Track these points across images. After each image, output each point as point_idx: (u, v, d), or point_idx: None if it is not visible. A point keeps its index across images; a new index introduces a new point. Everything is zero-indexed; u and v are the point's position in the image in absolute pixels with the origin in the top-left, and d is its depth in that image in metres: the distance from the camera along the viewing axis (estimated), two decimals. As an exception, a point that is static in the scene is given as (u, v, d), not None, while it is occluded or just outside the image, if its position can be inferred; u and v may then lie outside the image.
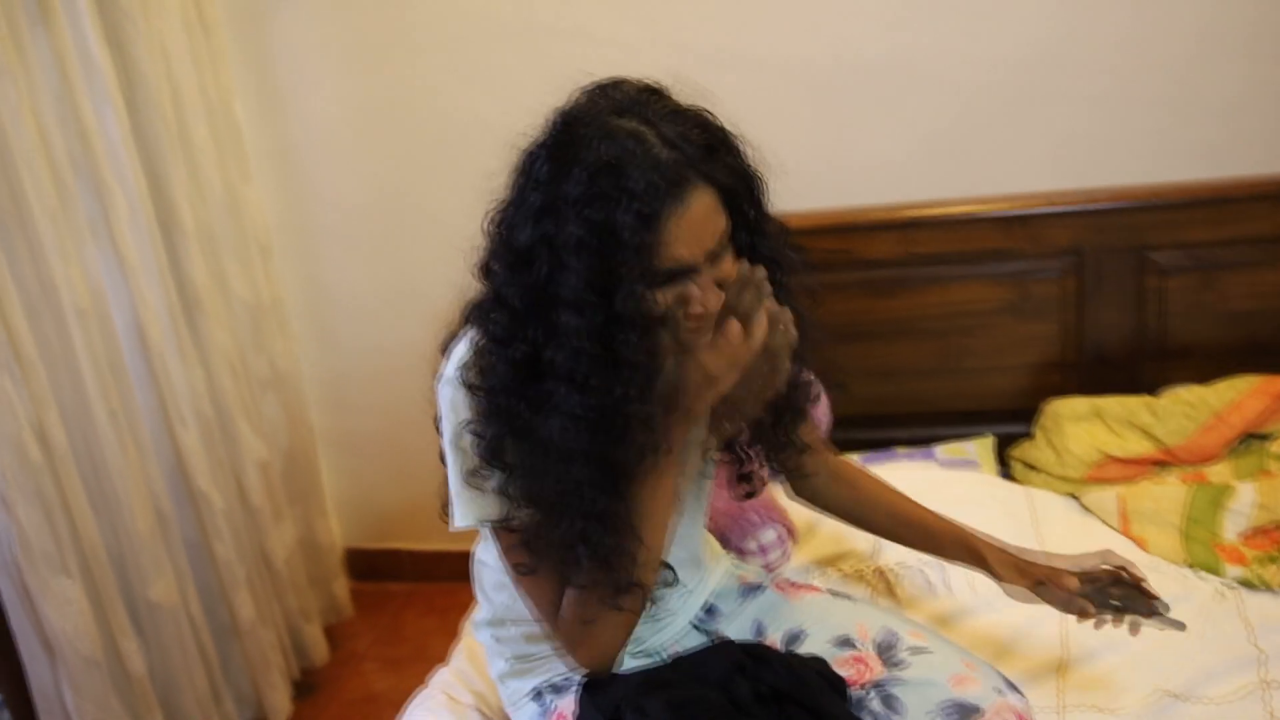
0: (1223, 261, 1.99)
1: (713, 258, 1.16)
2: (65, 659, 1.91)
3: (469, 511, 1.26)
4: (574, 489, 1.17)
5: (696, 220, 1.13)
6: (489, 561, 1.48)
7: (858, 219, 2.07)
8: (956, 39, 2.10)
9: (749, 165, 1.22)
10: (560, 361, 1.13)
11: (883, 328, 2.12)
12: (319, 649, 2.64)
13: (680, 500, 1.28)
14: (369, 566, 2.97)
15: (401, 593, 2.95)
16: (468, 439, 1.22)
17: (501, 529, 1.27)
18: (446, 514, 1.32)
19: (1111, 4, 2.03)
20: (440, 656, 2.60)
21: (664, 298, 1.15)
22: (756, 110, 2.14)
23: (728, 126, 1.21)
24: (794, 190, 2.17)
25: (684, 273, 1.15)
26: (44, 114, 1.90)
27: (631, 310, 1.11)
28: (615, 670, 1.36)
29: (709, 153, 1.15)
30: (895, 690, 1.35)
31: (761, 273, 1.14)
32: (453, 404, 1.24)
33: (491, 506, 1.24)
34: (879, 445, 2.12)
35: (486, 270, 1.22)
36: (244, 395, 2.42)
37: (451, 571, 2.94)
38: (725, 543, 1.75)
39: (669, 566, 1.37)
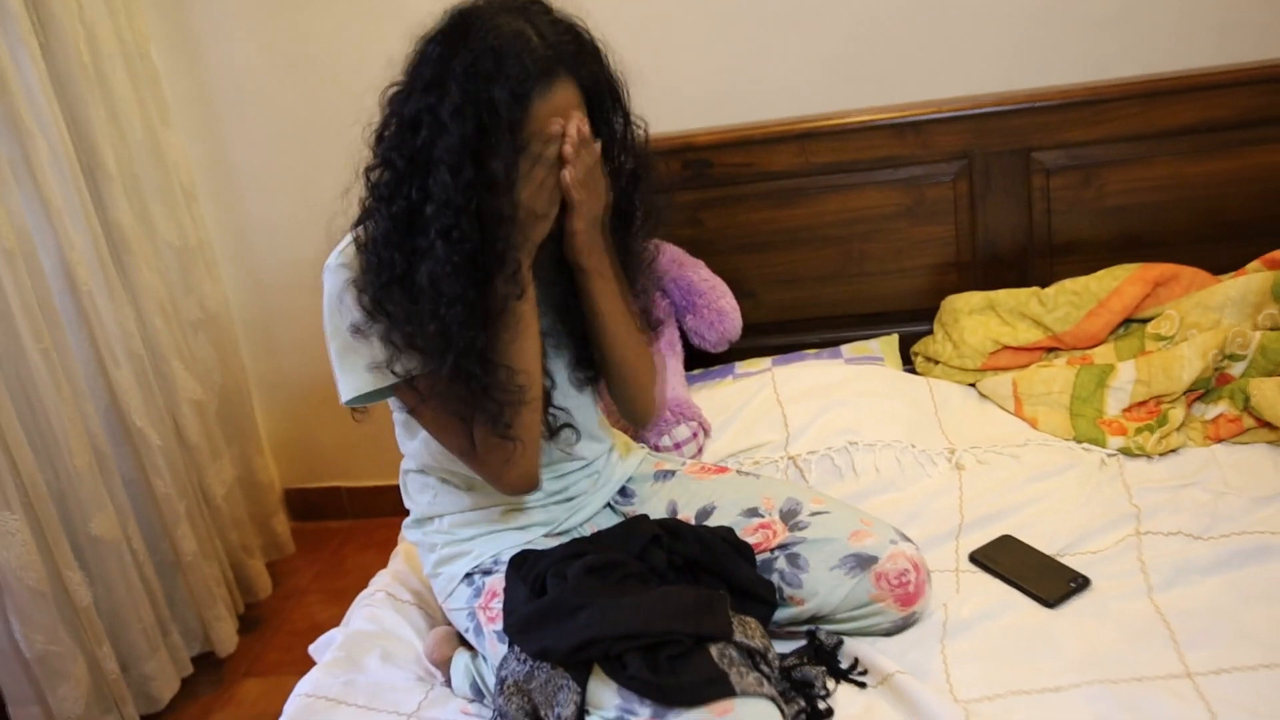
0: (1100, 159, 2.11)
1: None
2: (11, 590, 1.96)
3: (355, 371, 1.40)
4: (447, 329, 1.31)
5: (559, 107, 1.30)
6: (409, 467, 1.59)
7: (757, 133, 2.16)
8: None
9: (612, 72, 1.39)
10: (433, 214, 1.28)
11: (786, 236, 2.22)
12: (262, 582, 2.71)
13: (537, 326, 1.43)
14: (308, 505, 3.03)
15: (341, 529, 3.02)
16: (350, 296, 1.37)
17: (403, 389, 1.41)
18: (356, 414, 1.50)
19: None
20: (383, 587, 2.66)
21: (524, 164, 1.30)
22: (663, 32, 2.24)
23: (597, 39, 1.37)
24: (701, 109, 2.27)
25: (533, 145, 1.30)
26: (-44, 59, 1.93)
27: (498, 172, 1.27)
28: (535, 546, 1.48)
29: (577, 55, 1.32)
30: (799, 549, 1.47)
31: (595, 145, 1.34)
32: (334, 290, 1.40)
33: (377, 358, 1.38)
34: (789, 349, 2.22)
35: (378, 139, 1.35)
36: (175, 336, 2.46)
37: (390, 506, 3.00)
38: (642, 441, 1.85)
39: (571, 426, 1.51)
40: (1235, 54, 2.12)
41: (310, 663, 2.44)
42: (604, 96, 1.39)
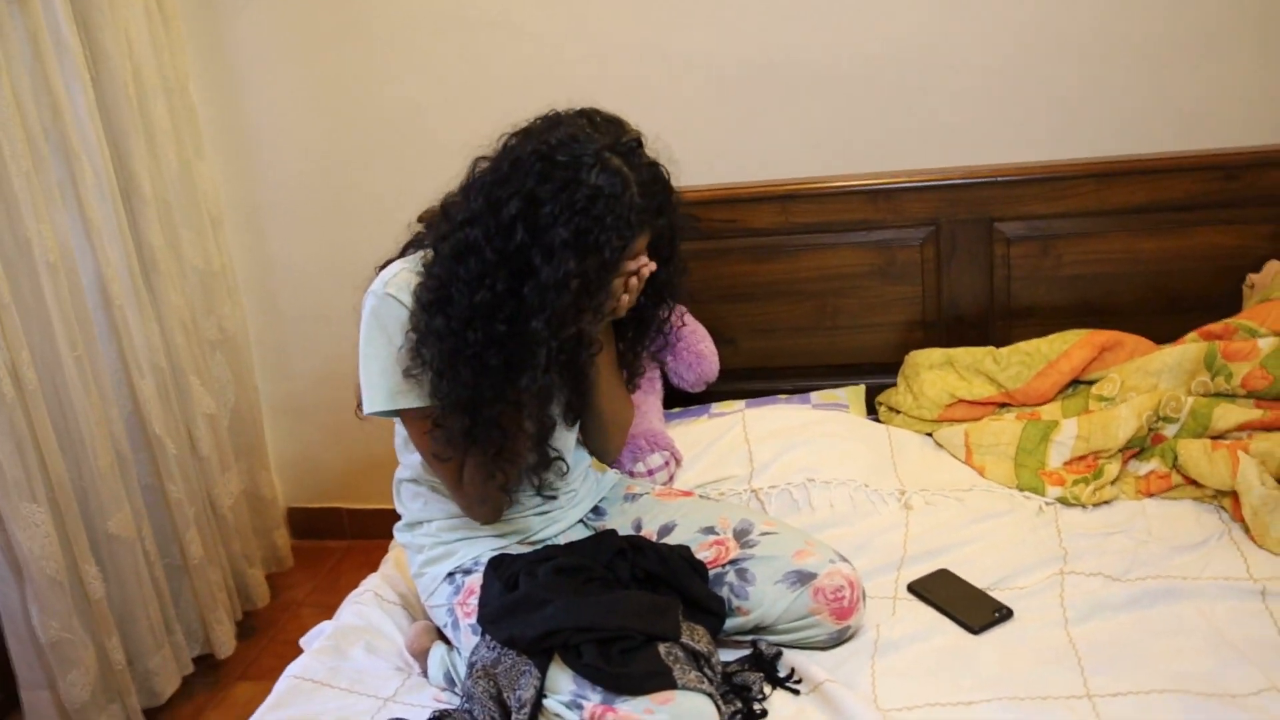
0: (1057, 232, 2.28)
1: None
2: (32, 578, 2.11)
3: (399, 398, 1.57)
4: (494, 405, 1.53)
5: (639, 249, 1.55)
6: (404, 476, 1.76)
7: (743, 192, 2.34)
8: (836, 40, 2.40)
9: (675, 219, 1.62)
10: (534, 317, 1.47)
11: (765, 289, 2.40)
12: (261, 592, 2.85)
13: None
14: (309, 525, 3.18)
15: (339, 549, 3.16)
16: (401, 336, 1.55)
17: (417, 418, 1.57)
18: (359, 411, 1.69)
19: (965, 13, 2.34)
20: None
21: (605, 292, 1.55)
22: (664, 98, 2.45)
23: (672, 188, 1.60)
24: (691, 167, 2.45)
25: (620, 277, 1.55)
26: (20, 87, 2.13)
27: (596, 302, 1.52)
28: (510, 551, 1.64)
29: (659, 209, 1.56)
30: (747, 564, 1.63)
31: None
32: (383, 314, 1.56)
33: (421, 396, 1.56)
34: (764, 394, 2.39)
35: (463, 221, 1.52)
36: (195, 353, 2.64)
37: (388, 528, 3.17)
38: (617, 466, 2.02)
39: (563, 460, 1.68)
40: (1188, 141, 2.30)
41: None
42: (667, 237, 1.65)
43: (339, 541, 3.20)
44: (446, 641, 1.72)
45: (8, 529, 2.08)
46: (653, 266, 1.56)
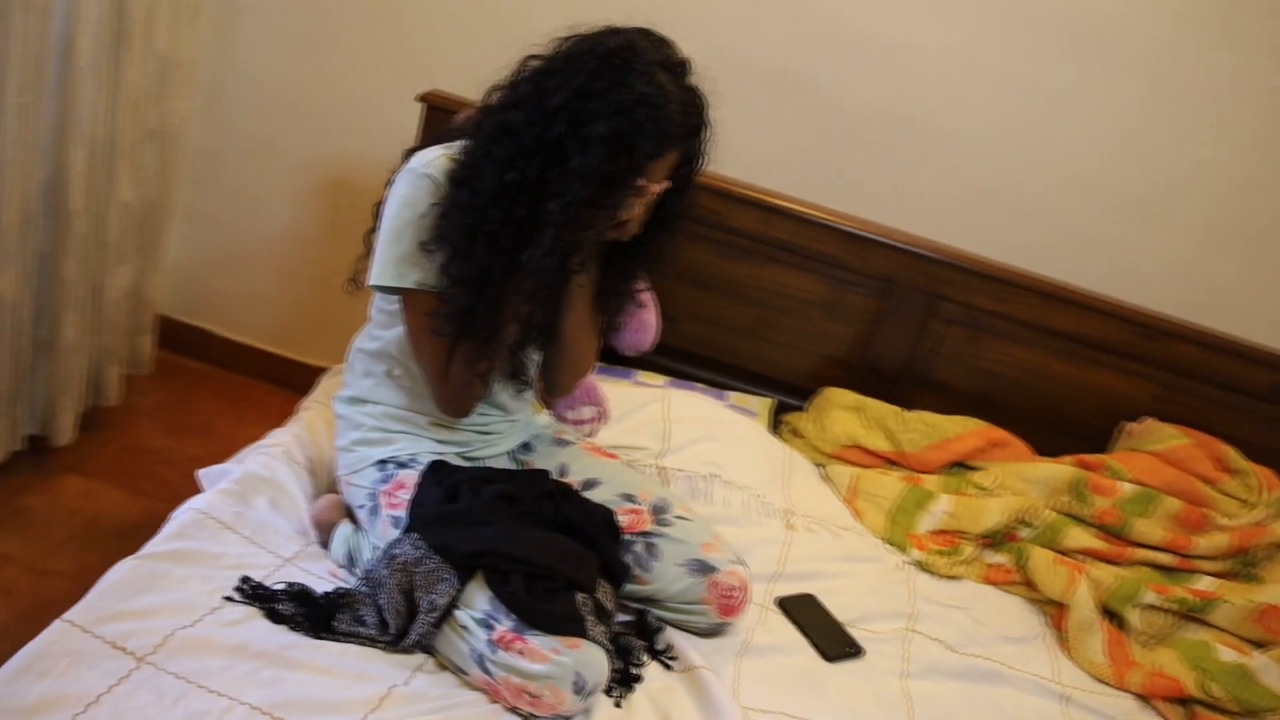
0: (989, 328, 2.47)
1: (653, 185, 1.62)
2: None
3: (407, 274, 1.60)
4: (500, 286, 1.57)
5: (665, 165, 1.60)
6: (366, 348, 1.76)
7: (735, 190, 2.41)
8: (844, 72, 2.50)
9: (703, 149, 1.66)
10: (552, 199, 1.51)
11: (721, 284, 2.49)
12: (113, 391, 2.75)
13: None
14: (175, 337, 3.08)
15: (198, 370, 3.09)
16: (430, 218, 1.57)
17: (424, 294, 1.61)
18: (355, 284, 1.75)
19: (1000, 98, 2.49)
20: (225, 437, 2.82)
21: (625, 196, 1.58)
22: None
23: (709, 117, 1.63)
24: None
25: (641, 188, 1.59)
26: None
27: (616, 198, 1.55)
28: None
29: (695, 131, 1.61)
30: (657, 541, 1.73)
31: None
32: (415, 190, 1.58)
33: (428, 274, 1.59)
34: (684, 377, 2.49)
35: (506, 105, 1.55)
36: (133, 138, 2.51)
37: (252, 368, 3.12)
38: (551, 409, 2.08)
39: (527, 376, 1.76)
40: (1129, 292, 2.53)
41: (146, 482, 2.57)
42: (688, 162, 1.67)
43: (199, 363, 3.12)
44: (353, 520, 1.75)
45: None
46: (667, 185, 1.63)
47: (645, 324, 2.30)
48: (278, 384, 3.10)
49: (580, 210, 1.53)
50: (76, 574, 2.17)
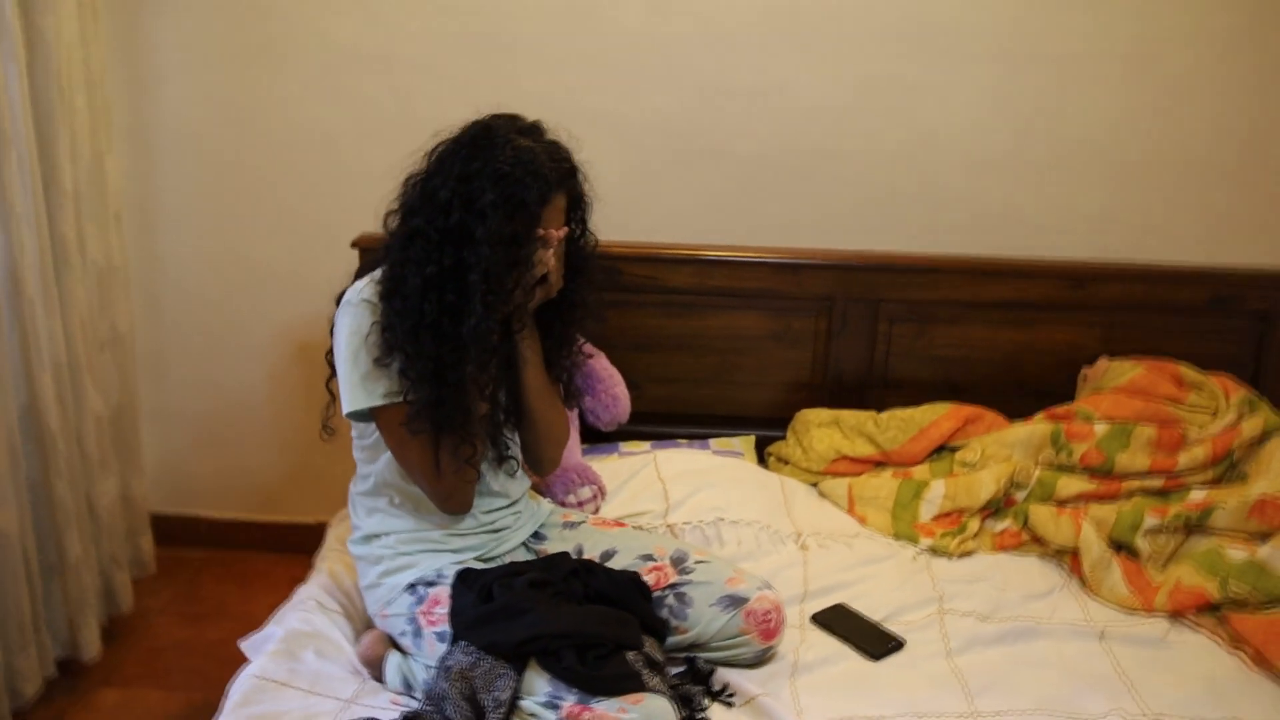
0: (932, 316, 2.60)
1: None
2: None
3: (373, 391, 1.73)
4: (458, 365, 1.70)
5: (556, 209, 1.78)
6: (361, 490, 1.86)
7: (666, 253, 2.55)
8: (746, 120, 2.67)
9: (584, 191, 1.85)
10: (475, 283, 1.67)
11: (673, 342, 2.61)
12: (126, 597, 2.79)
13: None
14: (168, 531, 3.12)
15: (197, 558, 3.13)
16: (375, 332, 1.71)
17: (394, 406, 1.72)
18: (328, 430, 1.88)
19: (874, 109, 2.66)
20: (239, 615, 2.86)
21: (532, 249, 1.75)
22: (584, 153, 2.60)
23: (575, 161, 1.82)
24: (614, 222, 2.66)
25: (541, 238, 1.76)
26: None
27: (526, 254, 1.72)
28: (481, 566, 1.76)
29: (569, 173, 1.79)
30: (685, 589, 1.82)
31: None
32: (356, 319, 1.73)
33: (391, 385, 1.72)
34: (663, 438, 2.58)
35: (405, 216, 1.75)
36: (89, 351, 2.59)
37: (248, 539, 3.17)
38: (551, 496, 2.17)
39: (514, 458, 1.89)
40: (1049, 250, 2.69)
41: (178, 676, 2.61)
42: (576, 207, 1.85)
43: (198, 550, 3.16)
44: (399, 650, 1.81)
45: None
46: (566, 230, 1.80)
47: (616, 398, 2.42)
48: (276, 550, 3.15)
49: (500, 273, 1.68)
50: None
